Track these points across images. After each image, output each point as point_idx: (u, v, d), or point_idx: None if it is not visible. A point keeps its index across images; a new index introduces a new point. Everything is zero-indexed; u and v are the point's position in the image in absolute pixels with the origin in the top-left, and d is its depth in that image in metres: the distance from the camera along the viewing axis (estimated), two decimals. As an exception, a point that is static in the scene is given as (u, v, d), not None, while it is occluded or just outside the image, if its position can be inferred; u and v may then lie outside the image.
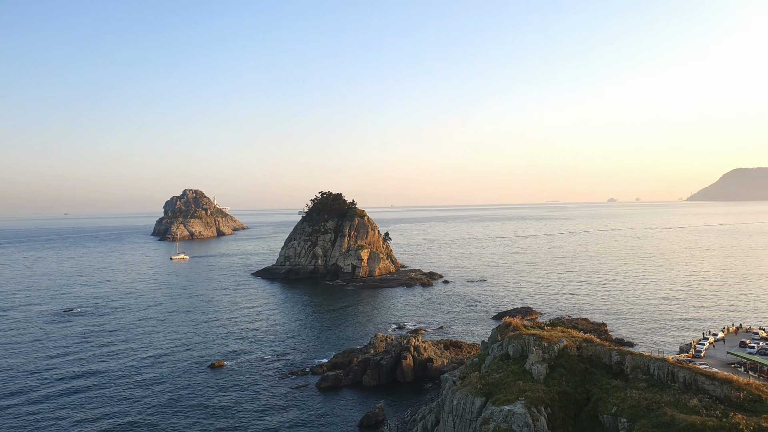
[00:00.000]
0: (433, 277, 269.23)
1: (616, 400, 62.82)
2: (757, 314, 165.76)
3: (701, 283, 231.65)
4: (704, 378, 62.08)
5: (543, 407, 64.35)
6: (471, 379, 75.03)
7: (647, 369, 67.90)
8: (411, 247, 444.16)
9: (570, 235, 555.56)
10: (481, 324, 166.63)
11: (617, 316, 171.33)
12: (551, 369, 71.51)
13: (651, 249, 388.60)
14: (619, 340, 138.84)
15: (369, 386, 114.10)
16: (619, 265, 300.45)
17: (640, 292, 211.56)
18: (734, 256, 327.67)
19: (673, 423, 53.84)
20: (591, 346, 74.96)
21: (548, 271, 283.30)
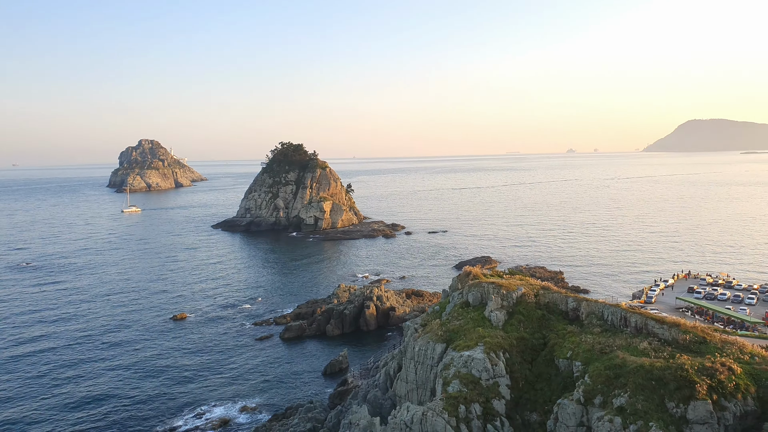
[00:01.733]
0: (395, 228, 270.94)
1: (572, 344, 64.99)
2: (704, 261, 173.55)
3: (654, 232, 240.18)
4: (654, 322, 64.68)
5: (501, 352, 66.19)
6: (432, 326, 76.38)
7: (601, 315, 70.30)
8: (374, 199, 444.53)
9: (529, 186, 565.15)
10: (442, 273, 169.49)
11: (574, 264, 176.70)
12: (509, 316, 73.30)
13: (607, 200, 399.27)
14: (576, 288, 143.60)
15: (332, 335, 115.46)
16: (576, 215, 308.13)
17: (597, 242, 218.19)
18: (686, 206, 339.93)
19: (624, 365, 56.14)
20: (548, 294, 76.94)
21: (508, 221, 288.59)
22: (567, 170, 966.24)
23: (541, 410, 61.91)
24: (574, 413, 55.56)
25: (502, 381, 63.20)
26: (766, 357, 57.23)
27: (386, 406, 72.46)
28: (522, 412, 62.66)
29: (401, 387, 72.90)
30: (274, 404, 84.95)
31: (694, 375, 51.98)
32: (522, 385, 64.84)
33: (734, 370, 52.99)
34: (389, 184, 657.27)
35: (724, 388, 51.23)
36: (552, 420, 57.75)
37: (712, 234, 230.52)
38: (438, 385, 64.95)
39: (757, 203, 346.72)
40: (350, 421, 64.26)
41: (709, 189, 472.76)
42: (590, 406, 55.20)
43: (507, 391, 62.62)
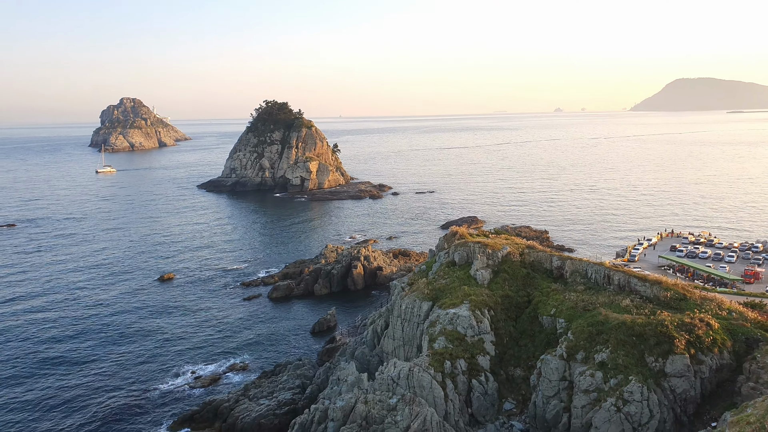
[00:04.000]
0: (382, 189, 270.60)
1: (556, 302, 66.16)
2: (687, 220, 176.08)
3: (640, 192, 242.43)
4: (636, 280, 65.89)
5: (486, 310, 67.32)
6: (419, 285, 77.22)
7: (585, 273, 71.40)
8: (361, 159, 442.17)
9: (516, 146, 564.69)
10: (429, 233, 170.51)
11: (559, 224, 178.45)
12: (495, 274, 74.23)
13: (594, 159, 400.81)
14: (561, 247, 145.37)
15: (320, 295, 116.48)
16: (563, 175, 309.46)
17: (583, 201, 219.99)
18: (671, 166, 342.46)
19: (606, 322, 57.40)
20: (533, 253, 77.83)
21: (494, 181, 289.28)
22: (554, 130, 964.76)
23: (525, 366, 63.48)
24: (557, 368, 56.97)
25: (487, 338, 64.47)
26: (743, 313, 58.77)
27: (374, 362, 73.79)
28: (506, 367, 64.19)
29: (388, 344, 74.15)
30: (263, 362, 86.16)
31: (673, 330, 53.32)
32: (506, 342, 66.26)
33: (712, 325, 54.40)
34: (377, 144, 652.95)
35: (701, 343, 52.70)
36: (535, 375, 59.25)
37: (696, 193, 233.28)
38: (424, 342, 66.14)
39: (741, 163, 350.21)
40: (338, 377, 65.48)
41: (694, 148, 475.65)
42: (572, 362, 56.61)
43: (491, 347, 63.95)
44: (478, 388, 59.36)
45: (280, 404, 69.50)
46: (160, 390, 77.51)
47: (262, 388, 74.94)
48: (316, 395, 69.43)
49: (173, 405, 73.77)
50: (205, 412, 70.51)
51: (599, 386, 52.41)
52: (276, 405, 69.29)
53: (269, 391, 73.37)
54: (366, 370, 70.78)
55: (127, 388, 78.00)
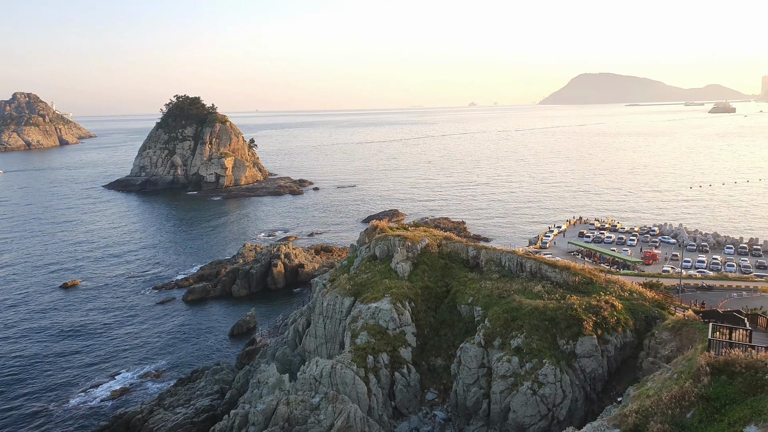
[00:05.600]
0: (302, 184, 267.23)
1: (472, 291, 67.82)
2: (593, 207, 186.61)
3: (550, 181, 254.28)
4: (547, 266, 68.79)
5: (407, 302, 67.93)
6: (340, 281, 76.75)
7: (499, 261, 73.71)
8: (279, 154, 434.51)
9: (434, 139, 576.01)
10: (350, 228, 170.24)
11: (476, 214, 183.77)
12: (415, 266, 75.06)
13: (506, 151, 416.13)
14: (477, 237, 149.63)
15: (239, 296, 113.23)
16: (479, 166, 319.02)
17: (497, 192, 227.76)
18: (577, 157, 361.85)
19: (520, 308, 59.47)
20: (450, 243, 79.42)
21: (414, 174, 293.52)
22: (470, 123, 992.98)
23: (446, 355, 64.63)
24: (475, 356, 58.37)
25: (409, 329, 65.06)
26: (643, 293, 62.81)
27: (295, 362, 72.58)
28: (427, 357, 65.10)
29: (310, 342, 73.16)
30: (179, 369, 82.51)
31: (581, 313, 56.04)
32: (427, 332, 67.20)
33: (616, 306, 57.69)
34: (296, 139, 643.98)
35: (607, 324, 55.76)
36: (455, 363, 60.44)
37: (598, 182, 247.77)
38: (347, 338, 65.80)
39: (639, 152, 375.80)
40: (259, 380, 63.77)
41: (597, 139, 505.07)
42: (490, 348, 58.21)
43: (413, 338, 64.60)
44: (401, 381, 59.77)
45: (198, 411, 66.80)
46: (66, 406, 72.33)
47: (178, 396, 71.72)
48: (236, 400, 67.31)
49: (81, 421, 69.08)
50: (116, 426, 66.53)
51: (516, 371, 54.19)
52: (193, 413, 66.53)
53: (186, 399, 70.35)
54: (288, 370, 69.46)
55: (28, 406, 72.17)
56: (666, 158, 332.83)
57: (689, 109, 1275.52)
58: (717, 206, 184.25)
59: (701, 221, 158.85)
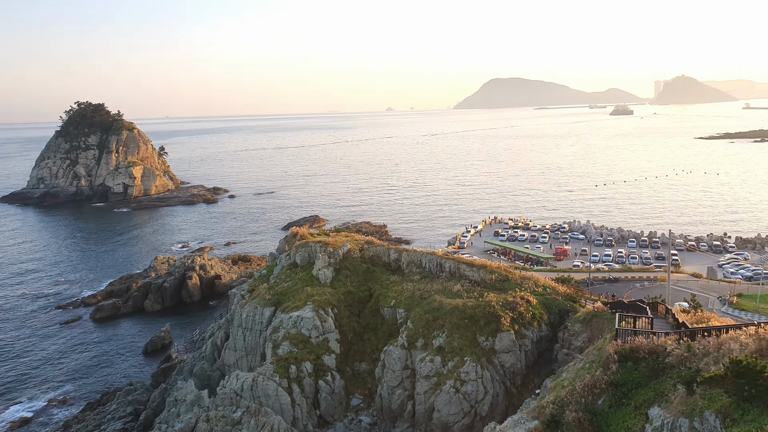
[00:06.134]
0: (217, 192, 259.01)
1: (395, 293, 68.16)
2: (507, 207, 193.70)
3: (466, 183, 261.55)
4: (465, 266, 70.39)
5: (330, 309, 67.19)
6: (260, 291, 74.79)
7: (420, 263, 74.61)
8: (192, 162, 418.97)
9: (353, 144, 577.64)
10: (269, 236, 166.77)
11: (397, 217, 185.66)
12: (337, 272, 74.41)
13: (424, 155, 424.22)
14: (398, 239, 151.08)
15: (152, 311, 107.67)
16: (398, 170, 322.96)
17: (417, 195, 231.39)
18: (492, 159, 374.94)
19: (441, 307, 60.37)
20: (372, 248, 79.50)
21: (335, 179, 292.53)
22: (388, 128, 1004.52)
23: (370, 359, 64.44)
24: (399, 358, 58.57)
25: (332, 336, 64.32)
26: (555, 287, 65.61)
27: (215, 377, 69.79)
28: (352, 363, 64.62)
29: (230, 356, 70.64)
30: (88, 392, 77.09)
31: (499, 310, 57.66)
32: (351, 338, 66.73)
33: (531, 302, 59.84)
34: (209, 146, 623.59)
35: (523, 319, 57.70)
36: (380, 367, 60.38)
37: (512, 183, 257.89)
38: (268, 349, 64.08)
39: (549, 153, 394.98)
40: (176, 398, 60.71)
41: (510, 142, 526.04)
42: (413, 349, 58.62)
43: (336, 345, 63.91)
44: (325, 388, 58.93)
45: (110, 437, 62.68)
46: (-44, 443, 65.64)
47: (86, 422, 66.94)
48: (152, 421, 63.69)
49: (-26, 459, 62.84)
50: (16, 460, 61.13)
51: (438, 370, 54.85)
52: (105, 439, 62.35)
53: (96, 424, 65.80)
54: (207, 386, 66.64)
55: None
56: (573, 158, 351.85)
57: (593, 112, 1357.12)
58: (620, 203, 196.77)
59: (607, 217, 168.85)
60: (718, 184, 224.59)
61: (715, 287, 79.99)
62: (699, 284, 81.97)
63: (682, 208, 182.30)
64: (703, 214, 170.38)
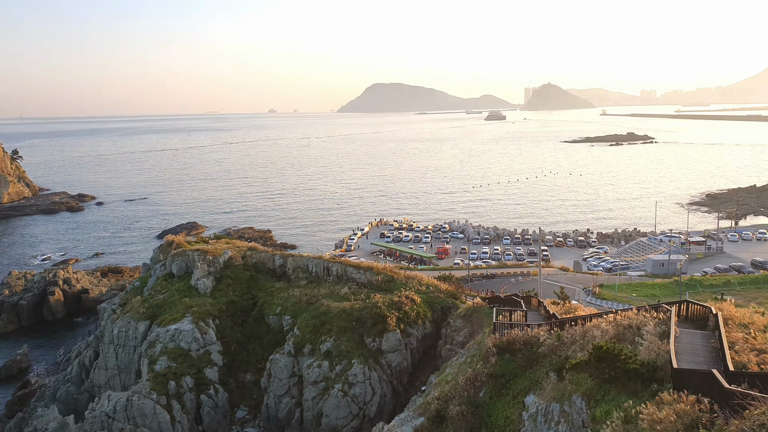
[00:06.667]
0: (83, 199, 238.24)
1: (280, 300, 66.76)
2: (392, 209, 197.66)
3: (352, 186, 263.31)
4: (352, 269, 70.63)
5: (211, 319, 64.33)
6: (133, 304, 69.87)
7: (307, 268, 73.68)
8: (52, 167, 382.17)
9: (234, 146, 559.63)
10: (143, 245, 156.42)
11: (282, 222, 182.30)
12: (218, 281, 71.43)
13: (309, 158, 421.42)
14: (284, 245, 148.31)
15: (6, 332, 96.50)
16: (282, 174, 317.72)
17: (303, 198, 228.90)
18: (377, 162, 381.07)
19: (328, 312, 59.99)
20: (255, 254, 77.28)
21: (215, 184, 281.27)
22: (270, 130, 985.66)
23: (255, 369, 62.50)
24: (286, 366, 57.36)
25: (214, 348, 61.63)
26: (438, 285, 67.80)
27: (83, 400, 63.96)
28: (236, 374, 62.30)
29: (100, 375, 65.11)
30: (-75, 431, 67.07)
31: (385, 310, 58.43)
32: (234, 349, 64.33)
33: (415, 300, 61.31)
34: (72, 149, 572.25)
35: (408, 318, 58.93)
36: (266, 376, 58.74)
37: (393, 184, 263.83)
38: (144, 366, 59.97)
39: (430, 157, 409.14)
40: (35, 427, 54.76)
41: (393, 145, 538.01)
42: (300, 356, 57.69)
43: (219, 357, 61.31)
44: (208, 403, 56.30)
45: (-46, 480, 55.06)
46: None
47: (-76, 465, 58.33)
48: (7, 456, 57.05)
49: None
50: None
51: (326, 375, 54.43)
52: (-53, 482, 54.65)
53: (-64, 467, 57.51)
54: (73, 411, 60.84)
55: None
56: (453, 161, 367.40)
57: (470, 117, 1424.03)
58: (496, 203, 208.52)
59: (484, 217, 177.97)
60: (581, 184, 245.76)
61: (580, 279, 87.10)
62: (567, 277, 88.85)
63: (550, 207, 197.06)
64: (569, 212, 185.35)
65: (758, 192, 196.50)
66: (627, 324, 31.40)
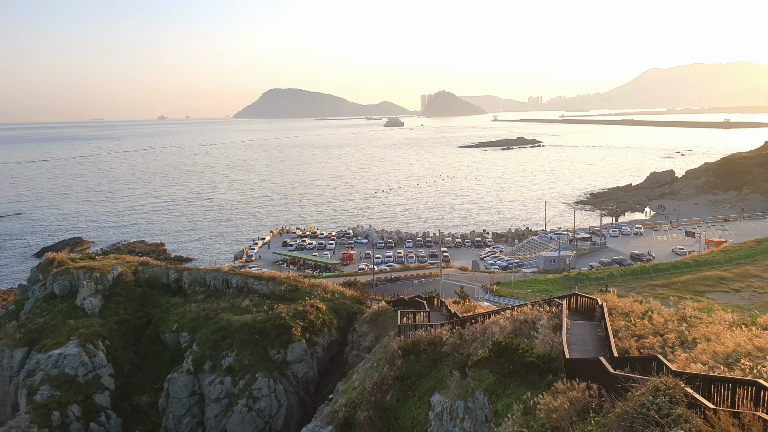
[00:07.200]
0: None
1: (177, 316, 63.47)
2: (294, 216, 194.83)
3: (252, 194, 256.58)
4: (253, 279, 68.57)
5: (100, 341, 59.87)
6: (7, 330, 63.47)
7: (204, 281, 70.59)
8: None
9: (121, 155, 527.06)
10: (18, 265, 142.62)
11: (176, 234, 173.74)
12: (107, 300, 66.60)
13: (204, 166, 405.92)
14: (179, 258, 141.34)
15: None
16: (177, 183, 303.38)
17: (200, 208, 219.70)
18: (277, 169, 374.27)
19: (229, 326, 57.80)
20: (148, 269, 72.97)
21: (100, 196, 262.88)
22: (162, 137, 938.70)
23: (152, 390, 58.96)
24: (185, 384, 54.61)
25: (104, 371, 57.41)
26: (343, 292, 67.56)
27: (-51, 443, 56.96)
28: (131, 398, 58.40)
29: (-31, 413, 58.33)
30: None
31: (290, 321, 57.28)
32: (128, 370, 60.31)
33: (320, 308, 60.65)
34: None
35: (314, 327, 58.17)
36: (164, 397, 55.61)
37: (299, 191, 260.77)
38: (22, 397, 54.58)
39: (331, 163, 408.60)
40: None
41: (293, 152, 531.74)
42: (201, 374, 55.12)
43: (111, 380, 57.20)
44: (99, 431, 52.26)
45: None
46: None
47: None
48: None
49: None
50: None
51: (229, 391, 52.42)
52: None
53: None
54: (-63, 456, 54.02)
55: None
56: (355, 167, 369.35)
57: (369, 123, 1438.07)
58: (397, 207, 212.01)
59: (387, 221, 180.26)
60: (477, 187, 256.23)
61: (479, 278, 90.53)
62: (466, 276, 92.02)
63: (449, 209, 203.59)
64: (466, 214, 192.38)
65: (634, 190, 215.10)
66: (523, 319, 32.87)
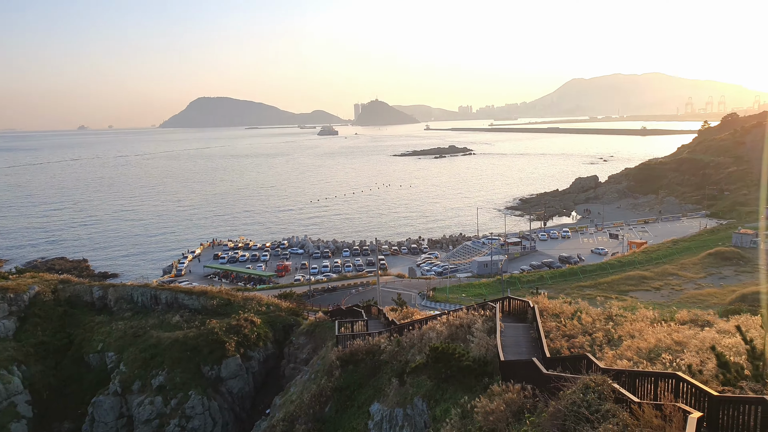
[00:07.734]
0: None
1: (102, 336, 60.32)
2: (226, 228, 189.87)
3: (180, 206, 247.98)
4: (183, 294, 66.18)
5: (15, 366, 55.90)
6: None
7: (131, 298, 67.46)
8: None
9: (38, 168, 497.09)
10: None
11: (100, 250, 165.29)
12: (22, 321, 62.34)
13: (127, 178, 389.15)
14: (103, 274, 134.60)
15: None
16: (96, 196, 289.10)
17: (124, 221, 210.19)
18: (205, 180, 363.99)
19: (159, 343, 55.45)
20: (69, 287, 68.97)
21: (12, 211, 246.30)
22: (81, 148, 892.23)
23: (74, 415, 55.62)
24: (112, 407, 51.94)
25: (20, 399, 53.63)
26: (279, 304, 66.36)
27: None
28: (50, 425, 54.82)
29: None
30: None
31: (223, 336, 55.62)
32: (47, 396, 56.59)
33: (255, 322, 59.27)
34: None
35: (248, 341, 56.75)
36: (88, 422, 52.57)
37: (230, 202, 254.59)
38: (-75, 433, 49.89)
39: (263, 173, 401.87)
40: None
41: (223, 162, 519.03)
42: (129, 395, 52.59)
43: (28, 408, 53.52)
44: (16, 465, 48.57)
45: None
46: None
47: None
48: None
49: None
50: None
51: (161, 411, 50.27)
52: None
53: None
54: None
55: None
56: (288, 176, 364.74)
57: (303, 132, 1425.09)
58: (333, 216, 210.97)
59: (323, 231, 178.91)
60: (411, 194, 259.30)
61: (415, 284, 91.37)
62: (403, 283, 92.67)
63: (385, 217, 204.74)
64: (402, 222, 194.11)
65: (561, 195, 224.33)
66: (459, 323, 33.33)
